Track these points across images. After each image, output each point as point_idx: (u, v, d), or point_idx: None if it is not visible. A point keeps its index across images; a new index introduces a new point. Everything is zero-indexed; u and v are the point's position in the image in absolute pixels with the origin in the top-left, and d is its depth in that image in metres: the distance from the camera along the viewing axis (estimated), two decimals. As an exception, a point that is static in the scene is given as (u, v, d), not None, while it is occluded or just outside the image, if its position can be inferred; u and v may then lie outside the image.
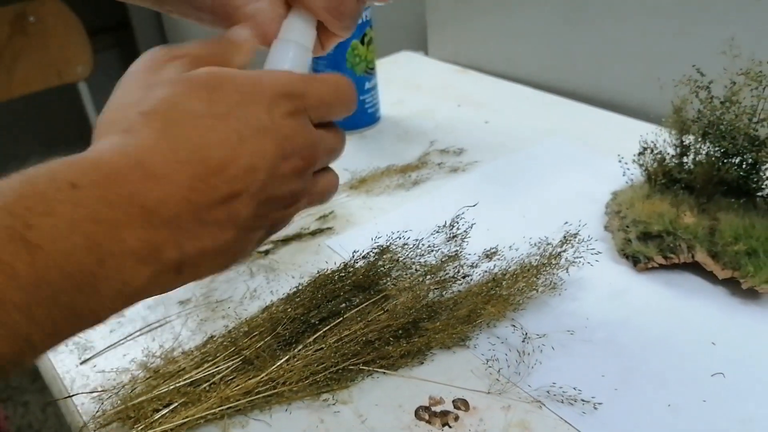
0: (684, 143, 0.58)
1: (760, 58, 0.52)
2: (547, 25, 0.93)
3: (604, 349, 0.49)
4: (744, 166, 0.54)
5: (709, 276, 0.54)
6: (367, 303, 0.49)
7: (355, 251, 0.54)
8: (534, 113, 0.89)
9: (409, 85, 1.02)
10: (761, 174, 0.54)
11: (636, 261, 0.56)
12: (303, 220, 0.68)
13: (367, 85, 0.84)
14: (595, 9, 0.87)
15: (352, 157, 0.80)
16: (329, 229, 0.67)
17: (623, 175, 0.62)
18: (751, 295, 0.52)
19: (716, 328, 0.50)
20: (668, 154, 0.59)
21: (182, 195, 0.28)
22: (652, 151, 0.59)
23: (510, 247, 0.57)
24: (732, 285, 0.53)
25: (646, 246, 0.56)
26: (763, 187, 0.54)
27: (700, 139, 0.57)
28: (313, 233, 0.66)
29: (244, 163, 0.30)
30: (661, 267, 0.55)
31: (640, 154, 0.60)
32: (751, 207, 0.55)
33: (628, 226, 0.58)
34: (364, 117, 0.84)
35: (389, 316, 0.48)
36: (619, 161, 0.62)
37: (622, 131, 0.78)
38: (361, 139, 0.86)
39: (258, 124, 0.31)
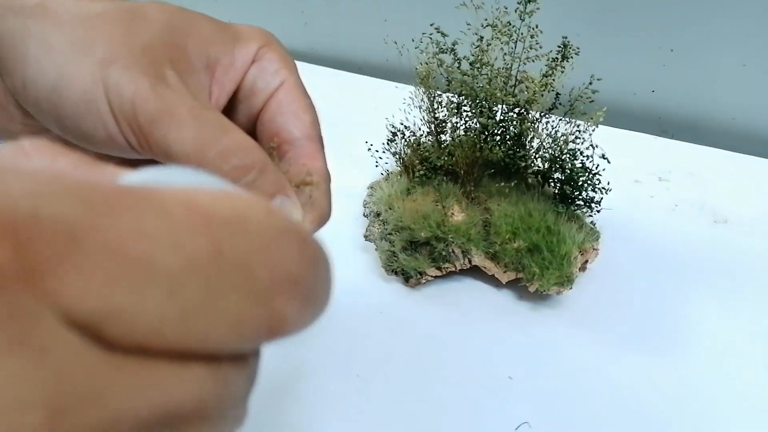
0: (438, 119, 0.52)
1: (506, 5, 0.46)
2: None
3: (385, 385, 0.42)
4: (507, 140, 0.49)
5: (492, 280, 0.49)
6: None
7: None
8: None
9: None
10: (527, 148, 0.49)
11: (407, 277, 0.49)
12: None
13: None
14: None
15: None
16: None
17: (376, 167, 0.54)
18: (540, 297, 0.49)
19: (505, 341, 0.46)
20: (423, 135, 0.52)
21: None
22: (404, 135, 0.51)
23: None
24: (519, 288, 0.49)
25: (415, 258, 0.49)
26: (531, 164, 0.50)
27: (455, 112, 0.50)
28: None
29: None
30: (437, 278, 0.50)
31: (390, 140, 0.52)
32: (524, 188, 0.51)
33: (390, 234, 0.50)
34: None
35: None
36: (369, 149, 0.54)
37: (371, 97, 0.70)
38: None
39: None
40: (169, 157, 0.28)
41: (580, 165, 0.48)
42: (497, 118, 0.49)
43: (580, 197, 0.49)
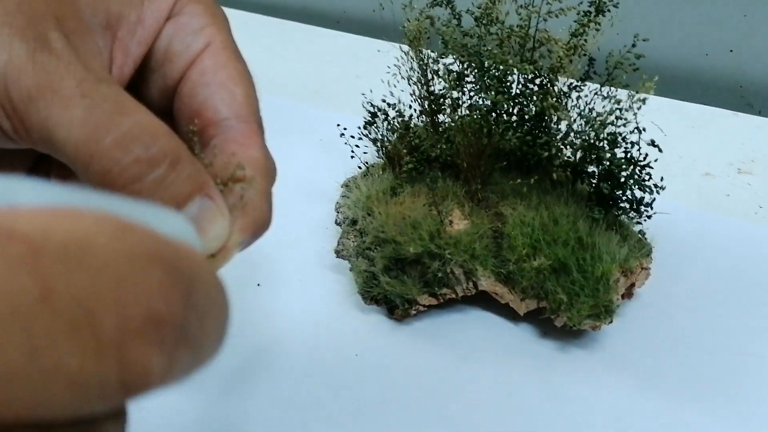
0: (432, 93, 0.45)
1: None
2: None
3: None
4: (525, 122, 0.41)
5: (506, 310, 0.42)
6: None
7: None
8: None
9: None
10: (552, 132, 0.42)
11: (391, 307, 0.42)
12: None
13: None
14: None
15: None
16: None
17: (352, 158, 0.47)
18: (569, 334, 0.41)
19: (523, 391, 0.40)
20: (414, 115, 0.45)
21: None
22: (387, 116, 0.44)
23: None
24: (541, 321, 0.42)
25: (402, 281, 0.42)
26: (557, 154, 0.42)
27: (456, 84, 0.44)
28: None
29: None
30: (431, 308, 0.43)
31: (369, 123, 0.44)
32: (548, 187, 0.44)
33: (369, 249, 0.44)
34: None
35: None
36: (342, 134, 0.45)
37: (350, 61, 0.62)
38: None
39: None
40: (51, 145, 0.26)
41: (623, 155, 0.39)
42: (511, 93, 0.42)
43: (624, 198, 0.41)
